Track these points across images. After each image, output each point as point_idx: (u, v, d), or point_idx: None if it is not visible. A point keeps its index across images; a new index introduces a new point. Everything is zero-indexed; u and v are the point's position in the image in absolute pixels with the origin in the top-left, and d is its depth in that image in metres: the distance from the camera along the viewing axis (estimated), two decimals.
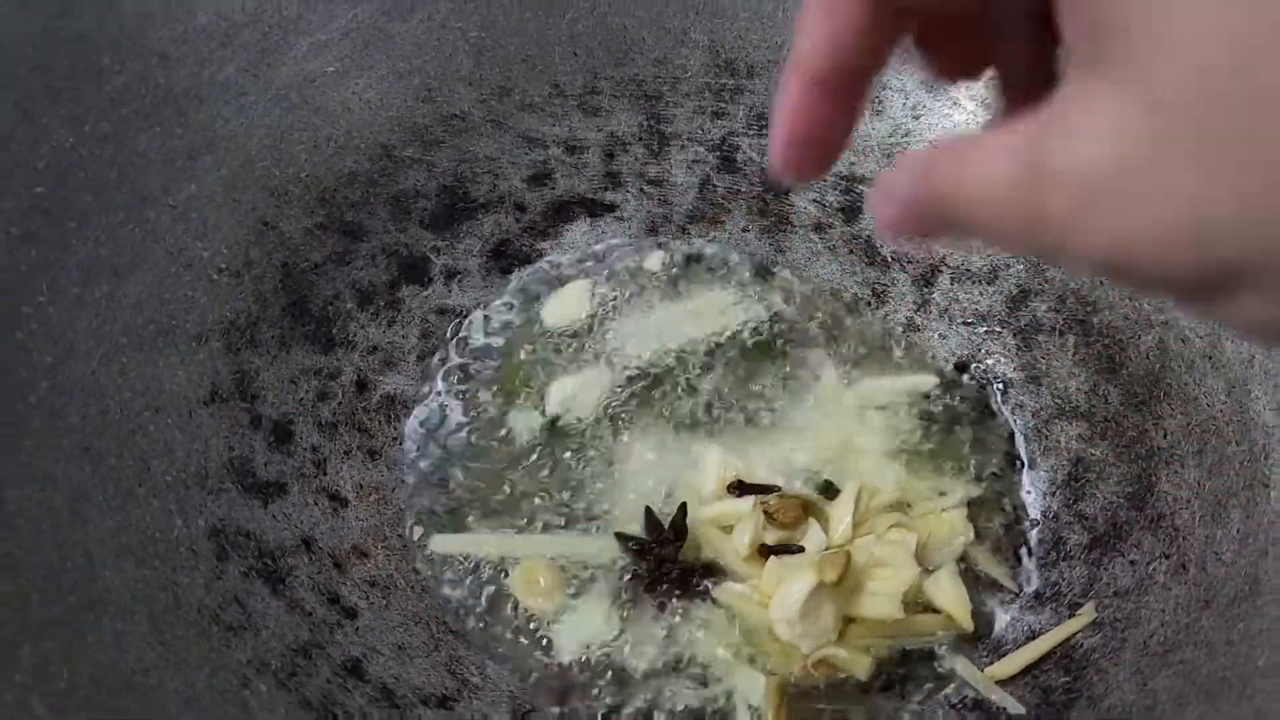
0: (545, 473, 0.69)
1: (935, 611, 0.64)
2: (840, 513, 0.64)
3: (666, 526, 0.65)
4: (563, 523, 0.67)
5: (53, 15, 0.65)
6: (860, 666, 0.61)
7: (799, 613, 0.60)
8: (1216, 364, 0.65)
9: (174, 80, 0.67)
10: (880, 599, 0.62)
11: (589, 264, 0.79)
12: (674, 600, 0.64)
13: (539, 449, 0.70)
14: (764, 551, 0.63)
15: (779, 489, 0.66)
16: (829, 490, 0.67)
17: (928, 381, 0.74)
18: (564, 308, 0.77)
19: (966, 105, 0.77)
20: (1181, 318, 0.68)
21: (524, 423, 0.71)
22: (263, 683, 0.54)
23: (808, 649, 0.60)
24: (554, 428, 0.71)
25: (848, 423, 0.72)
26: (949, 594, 0.64)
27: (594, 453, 0.70)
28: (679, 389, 0.73)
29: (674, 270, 0.79)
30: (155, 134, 0.66)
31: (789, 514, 0.63)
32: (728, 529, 0.65)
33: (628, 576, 0.65)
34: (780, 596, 0.60)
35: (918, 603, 0.64)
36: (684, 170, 0.81)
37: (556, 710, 0.61)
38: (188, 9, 0.69)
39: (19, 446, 0.55)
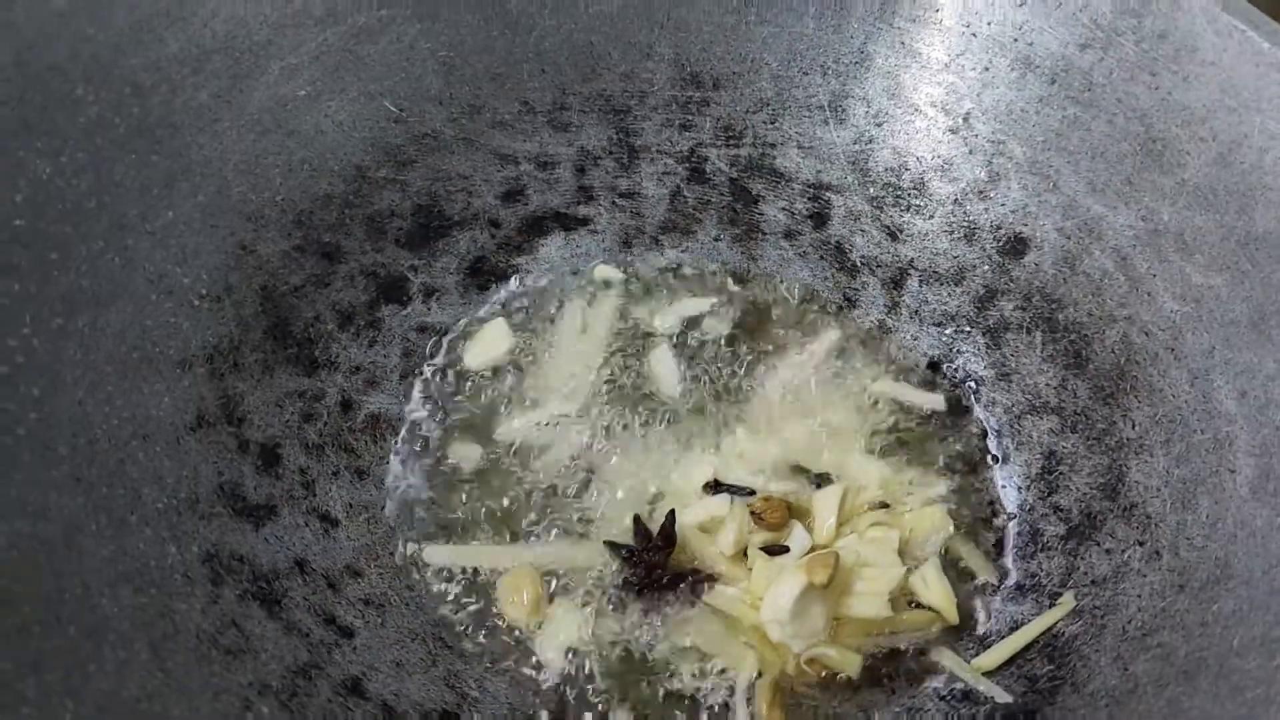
0: (529, 486, 0.70)
1: (922, 607, 0.66)
2: (824, 513, 0.65)
3: (655, 533, 0.66)
4: (554, 533, 0.68)
5: (25, 47, 0.65)
6: (850, 664, 0.63)
7: (790, 614, 0.61)
8: (1179, 355, 0.67)
9: (148, 109, 0.67)
10: (868, 598, 0.63)
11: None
12: (665, 605, 0.65)
13: (518, 463, 0.71)
14: (745, 554, 0.65)
15: (753, 491, 0.68)
16: (824, 480, 0.68)
17: (935, 401, 0.76)
18: (484, 348, 0.77)
19: (927, 112, 0.79)
20: (1144, 312, 0.70)
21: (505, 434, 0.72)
22: (265, 705, 0.54)
23: (799, 649, 0.62)
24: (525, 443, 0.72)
25: (827, 421, 0.74)
26: (935, 589, 0.65)
27: (577, 463, 0.71)
28: (655, 397, 0.74)
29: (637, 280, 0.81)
30: (131, 162, 0.66)
31: (775, 514, 0.64)
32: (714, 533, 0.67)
33: (617, 584, 0.66)
34: (771, 598, 0.62)
35: (904, 598, 0.66)
36: (655, 182, 0.82)
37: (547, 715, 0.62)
38: (159, 37, 0.69)
39: (10, 480, 0.55)
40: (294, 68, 0.74)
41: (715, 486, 0.68)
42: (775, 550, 0.64)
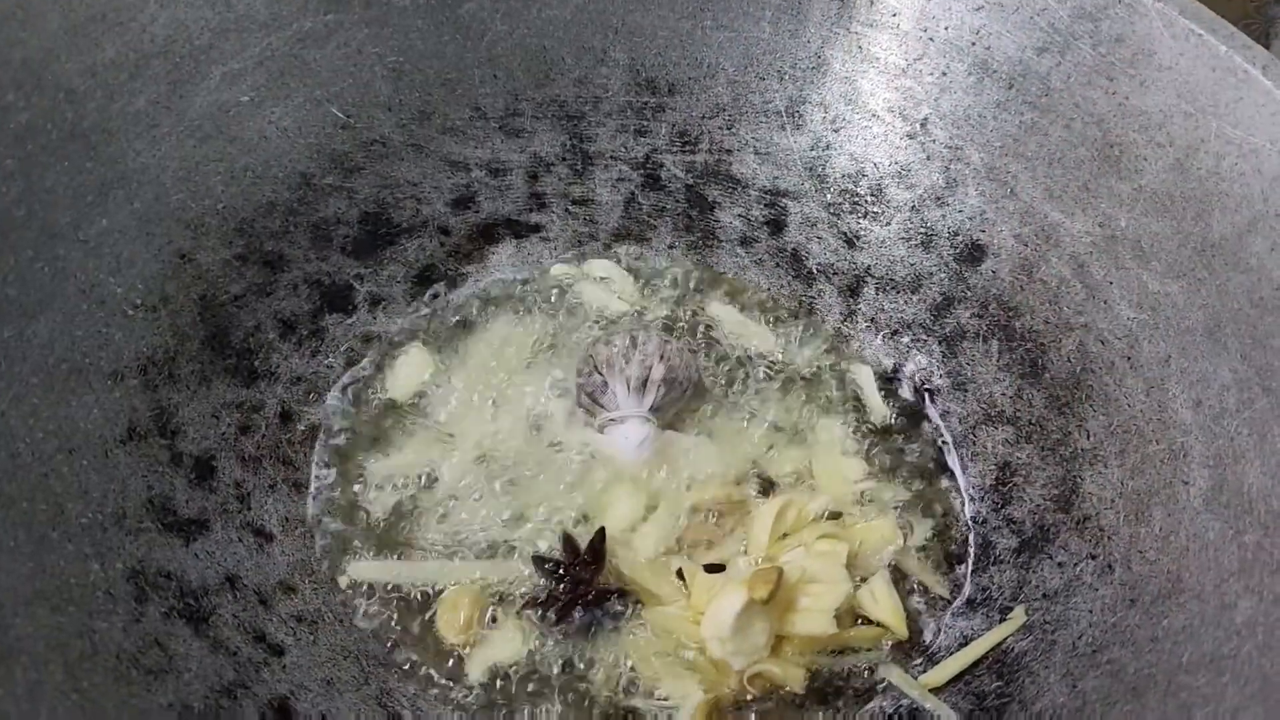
0: (467, 500, 0.68)
1: (870, 623, 0.64)
2: (760, 527, 0.64)
3: (583, 549, 0.64)
4: (483, 548, 0.67)
5: None
6: (794, 679, 0.61)
7: (731, 630, 0.60)
8: (1135, 364, 0.66)
9: (82, 114, 0.66)
10: (813, 615, 0.62)
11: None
12: (596, 622, 0.64)
13: (462, 479, 0.69)
14: (682, 574, 0.63)
15: (723, 567, 0.66)
16: (769, 487, 0.68)
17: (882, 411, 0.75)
18: (405, 378, 0.76)
19: (884, 117, 0.78)
20: (1100, 320, 0.69)
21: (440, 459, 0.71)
22: None
23: (740, 666, 0.60)
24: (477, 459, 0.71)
25: (775, 431, 0.73)
26: (883, 603, 0.64)
27: (514, 476, 0.70)
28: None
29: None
30: (63, 169, 0.65)
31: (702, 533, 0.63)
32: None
33: (542, 599, 0.64)
34: (712, 614, 0.60)
35: (852, 614, 0.65)
36: (609, 189, 0.81)
37: None
38: (95, 42, 0.68)
39: None
40: (237, 73, 0.72)
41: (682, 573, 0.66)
42: (712, 569, 0.63)
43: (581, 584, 0.63)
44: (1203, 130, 0.65)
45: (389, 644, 0.63)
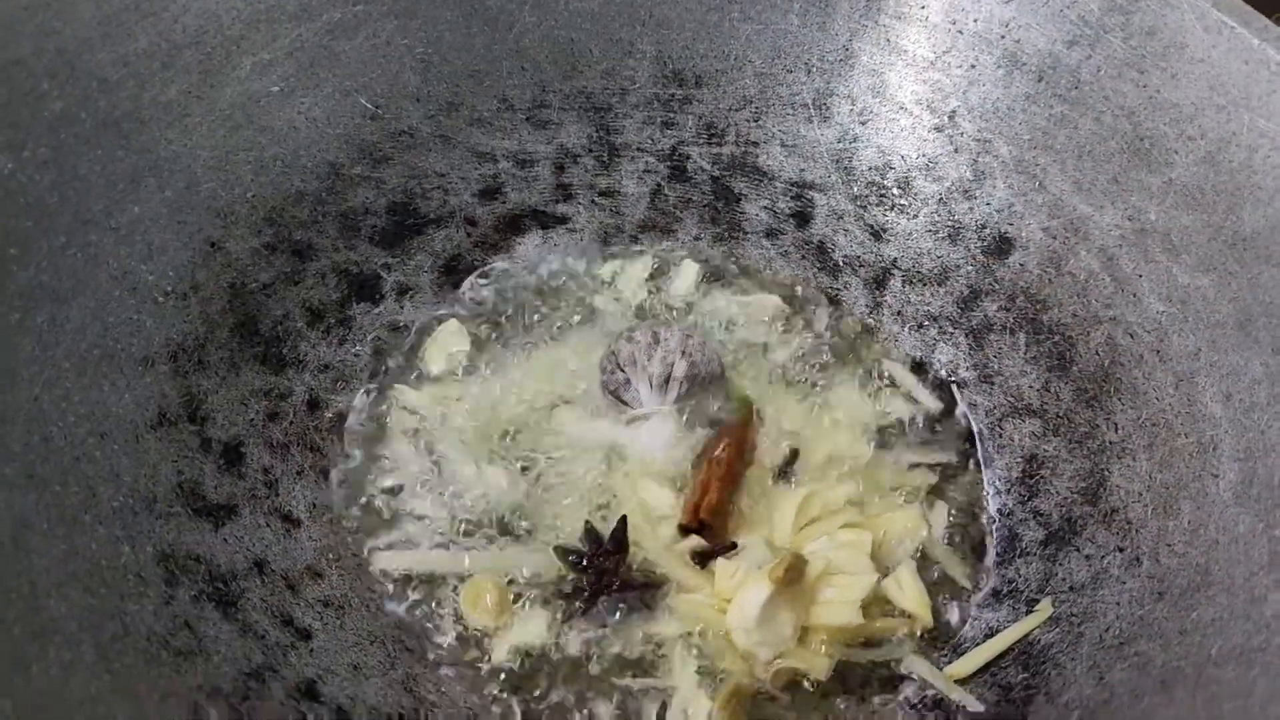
0: (489, 489, 0.69)
1: (895, 614, 0.64)
2: (783, 517, 0.64)
3: (606, 539, 0.65)
4: (508, 538, 0.67)
5: None
6: (819, 667, 0.61)
7: (756, 620, 0.59)
8: (1164, 358, 0.66)
9: (115, 103, 0.66)
10: (839, 606, 0.62)
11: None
12: (619, 612, 0.64)
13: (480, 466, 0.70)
14: (699, 559, 0.63)
15: (735, 545, 0.66)
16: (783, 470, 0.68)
17: (928, 401, 0.75)
18: (441, 353, 0.76)
19: (912, 110, 0.78)
20: (1129, 314, 0.68)
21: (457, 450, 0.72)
22: (214, 708, 0.53)
23: (766, 656, 0.60)
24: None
25: (804, 420, 0.73)
26: (909, 592, 0.64)
27: (539, 467, 0.70)
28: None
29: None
30: (96, 157, 0.65)
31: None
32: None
33: (567, 591, 0.64)
34: (737, 605, 0.60)
35: (879, 605, 0.64)
36: (635, 180, 0.81)
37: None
38: (128, 32, 0.68)
39: None
40: (267, 63, 0.73)
41: (702, 557, 0.66)
42: (719, 550, 0.63)
43: (606, 574, 0.63)
44: (1235, 123, 0.64)
45: (415, 629, 0.63)
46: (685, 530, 0.65)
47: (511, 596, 0.64)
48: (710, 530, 0.65)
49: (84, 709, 0.50)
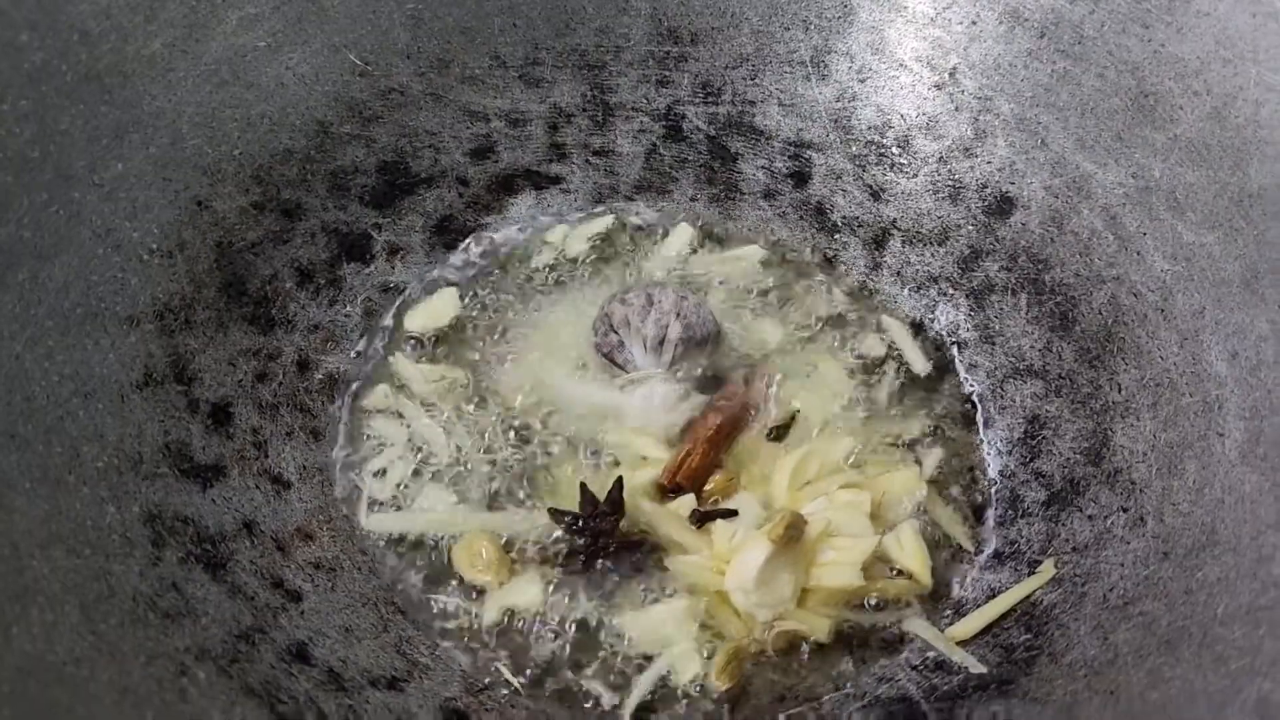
0: (483, 446, 0.68)
1: (895, 574, 0.63)
2: (780, 477, 0.63)
3: (602, 500, 0.63)
4: (503, 500, 0.66)
5: None
6: (820, 629, 0.60)
7: (755, 581, 0.59)
8: (1168, 317, 0.65)
9: (97, 56, 0.64)
10: (839, 568, 0.61)
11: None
12: (617, 573, 0.63)
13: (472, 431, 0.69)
14: (697, 519, 0.62)
15: (735, 512, 0.65)
16: (780, 432, 0.68)
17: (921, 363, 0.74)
18: (428, 314, 0.75)
19: (912, 67, 0.76)
20: (1133, 272, 0.67)
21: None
22: (202, 670, 0.52)
23: (765, 618, 0.59)
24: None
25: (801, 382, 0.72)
26: (910, 550, 0.63)
27: (530, 429, 0.69)
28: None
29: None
30: (78, 112, 0.64)
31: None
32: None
33: (564, 552, 0.64)
34: (736, 566, 0.59)
35: (880, 566, 0.63)
36: (630, 140, 0.80)
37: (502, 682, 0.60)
38: None
39: None
40: (253, 18, 0.71)
41: (700, 518, 0.64)
42: (715, 515, 0.62)
43: (602, 535, 0.62)
44: (1241, 78, 0.63)
45: (408, 592, 0.62)
46: (663, 490, 0.64)
47: (508, 554, 0.63)
48: (685, 493, 0.64)
49: (67, 670, 0.49)
